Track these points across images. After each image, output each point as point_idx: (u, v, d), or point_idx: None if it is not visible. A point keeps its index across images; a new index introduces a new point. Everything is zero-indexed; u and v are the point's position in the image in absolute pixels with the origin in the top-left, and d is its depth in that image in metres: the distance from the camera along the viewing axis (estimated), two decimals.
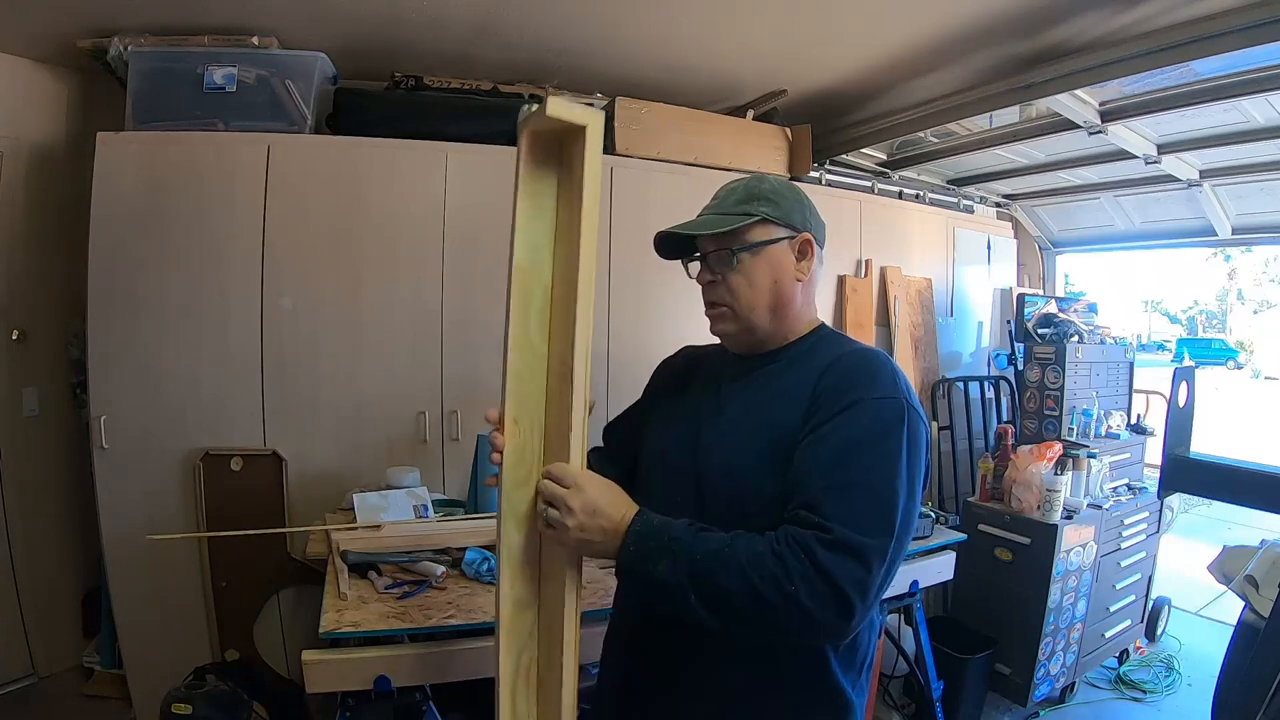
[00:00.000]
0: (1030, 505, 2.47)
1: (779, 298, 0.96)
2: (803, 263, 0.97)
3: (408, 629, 1.37)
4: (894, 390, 0.86)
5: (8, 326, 2.39)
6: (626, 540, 0.82)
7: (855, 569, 0.76)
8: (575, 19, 2.16)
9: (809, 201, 1.01)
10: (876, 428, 0.83)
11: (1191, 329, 23.29)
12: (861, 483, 0.81)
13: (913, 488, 0.84)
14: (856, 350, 0.94)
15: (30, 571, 2.42)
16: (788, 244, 0.97)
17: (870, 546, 0.77)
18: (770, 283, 0.96)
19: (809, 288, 0.99)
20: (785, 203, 0.97)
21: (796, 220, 0.97)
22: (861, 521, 0.78)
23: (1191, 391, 2.25)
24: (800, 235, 0.97)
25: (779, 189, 0.99)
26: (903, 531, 0.81)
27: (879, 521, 0.79)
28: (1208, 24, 1.84)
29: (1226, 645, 1.89)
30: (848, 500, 0.79)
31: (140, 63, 2.11)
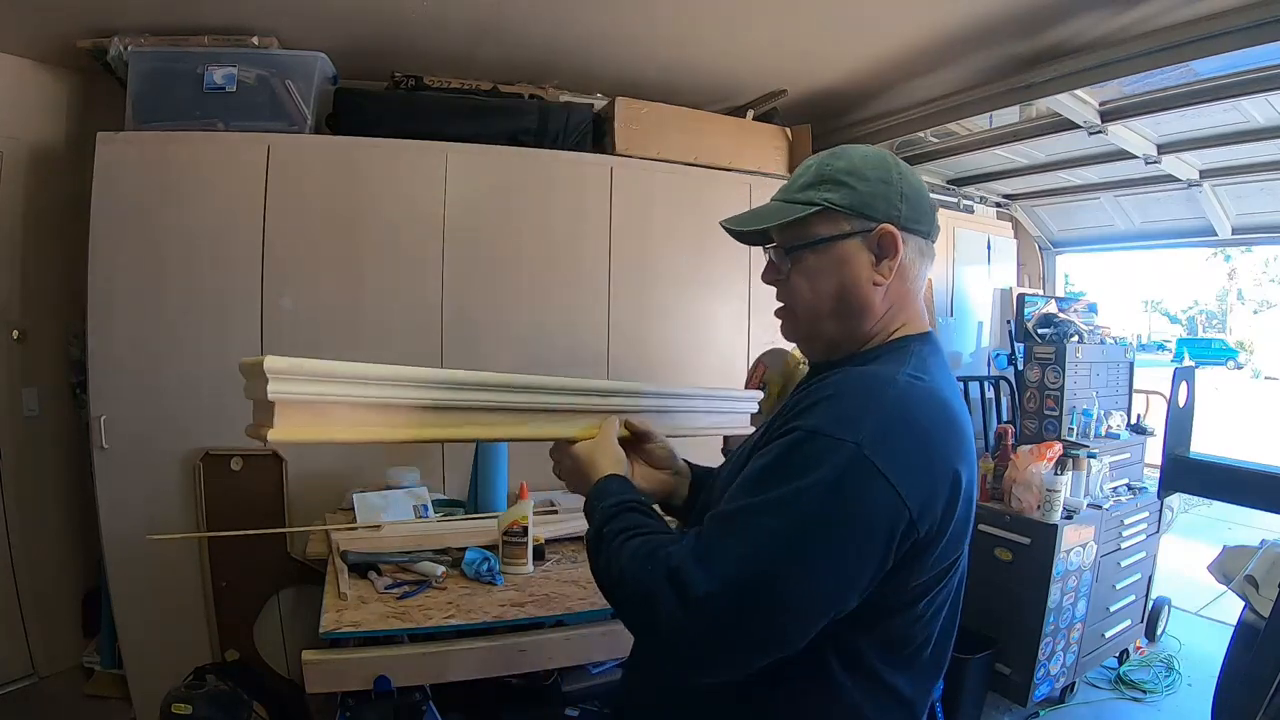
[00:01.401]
0: (1030, 505, 2.47)
1: (848, 304, 0.79)
2: (884, 262, 0.77)
3: (408, 629, 1.37)
4: (846, 429, 0.65)
5: (8, 326, 2.39)
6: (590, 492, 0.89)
7: (674, 608, 0.64)
8: (575, 19, 2.16)
9: (904, 179, 0.78)
10: (791, 468, 0.66)
11: (1191, 329, 23.29)
12: (736, 525, 0.66)
13: (809, 564, 0.63)
14: (858, 371, 0.75)
15: (30, 571, 2.41)
16: (860, 240, 0.77)
17: (703, 597, 0.63)
18: (835, 286, 0.78)
19: (899, 289, 0.79)
20: (862, 185, 0.77)
21: (876, 208, 0.77)
22: (714, 556, 0.65)
23: (1191, 391, 2.25)
24: (878, 228, 0.76)
25: (856, 168, 0.78)
26: (764, 609, 0.63)
27: (732, 577, 0.63)
28: (1208, 24, 1.84)
29: (1226, 645, 1.89)
30: (719, 535, 0.66)
31: (140, 63, 2.11)
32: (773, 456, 0.68)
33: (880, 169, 0.78)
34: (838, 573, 0.65)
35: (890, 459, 0.64)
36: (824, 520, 0.64)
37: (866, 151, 0.81)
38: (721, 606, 0.63)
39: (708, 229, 2.59)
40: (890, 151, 0.84)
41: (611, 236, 2.49)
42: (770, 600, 0.64)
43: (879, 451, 0.64)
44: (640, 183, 2.52)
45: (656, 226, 2.56)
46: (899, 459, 0.65)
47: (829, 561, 0.64)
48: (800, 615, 0.65)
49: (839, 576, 0.65)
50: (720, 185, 2.64)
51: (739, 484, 0.70)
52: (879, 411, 0.67)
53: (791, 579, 0.63)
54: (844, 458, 0.64)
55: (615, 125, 2.48)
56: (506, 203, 2.38)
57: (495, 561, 1.60)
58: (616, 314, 2.48)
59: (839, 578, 0.65)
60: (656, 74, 2.55)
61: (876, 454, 0.64)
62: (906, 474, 0.65)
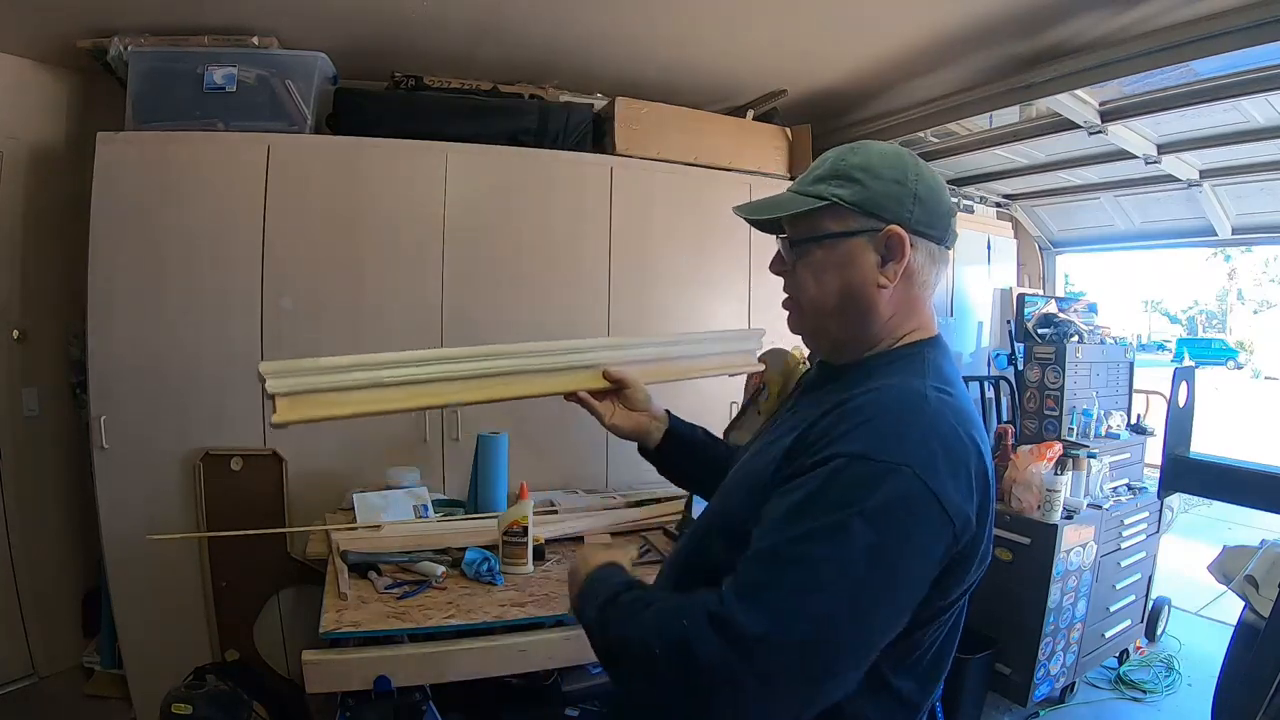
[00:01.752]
0: (1030, 505, 2.46)
1: (852, 303, 0.77)
2: (890, 265, 0.75)
3: (408, 629, 1.37)
4: (895, 453, 0.63)
5: (8, 326, 2.39)
6: (582, 588, 0.81)
7: (728, 662, 0.58)
8: (575, 19, 2.16)
9: (921, 181, 0.76)
10: (840, 495, 0.62)
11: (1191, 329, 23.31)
12: (786, 560, 0.61)
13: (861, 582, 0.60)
14: (888, 388, 0.71)
15: (30, 571, 2.41)
16: (867, 239, 0.75)
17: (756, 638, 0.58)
18: (840, 284, 0.77)
19: (906, 293, 0.77)
20: (874, 183, 0.75)
21: (885, 208, 0.74)
22: (769, 608, 0.59)
23: (1191, 391, 2.25)
24: (886, 229, 0.74)
25: (871, 165, 0.76)
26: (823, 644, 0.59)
27: (787, 614, 0.59)
28: (1208, 24, 1.84)
29: (1226, 645, 1.89)
30: (763, 579, 0.62)
31: (140, 63, 2.11)
32: (817, 485, 0.64)
33: (896, 168, 0.76)
34: (897, 600, 0.63)
35: (940, 481, 0.63)
36: (880, 547, 0.61)
37: (885, 149, 0.79)
38: (777, 646, 0.58)
39: (708, 229, 2.62)
40: (911, 151, 0.81)
41: (611, 236, 2.49)
42: (830, 634, 0.60)
43: (930, 474, 0.63)
44: (640, 183, 2.52)
45: (656, 226, 2.56)
46: (947, 480, 0.64)
47: (889, 591, 0.62)
48: (861, 648, 0.63)
49: (898, 603, 0.64)
50: (720, 185, 2.64)
51: (776, 518, 0.65)
52: (922, 433, 0.66)
53: (852, 611, 0.60)
54: (898, 482, 0.62)
55: (615, 125, 2.48)
56: (506, 203, 2.38)
57: (495, 561, 1.60)
58: (616, 314, 2.48)
59: (898, 605, 0.64)
60: (656, 74, 2.55)
61: (929, 476, 0.63)
62: (954, 494, 0.64)
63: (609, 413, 1.12)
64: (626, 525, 1.97)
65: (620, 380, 1.12)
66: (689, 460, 1.13)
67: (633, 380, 1.12)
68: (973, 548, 0.69)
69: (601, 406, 1.12)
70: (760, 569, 0.63)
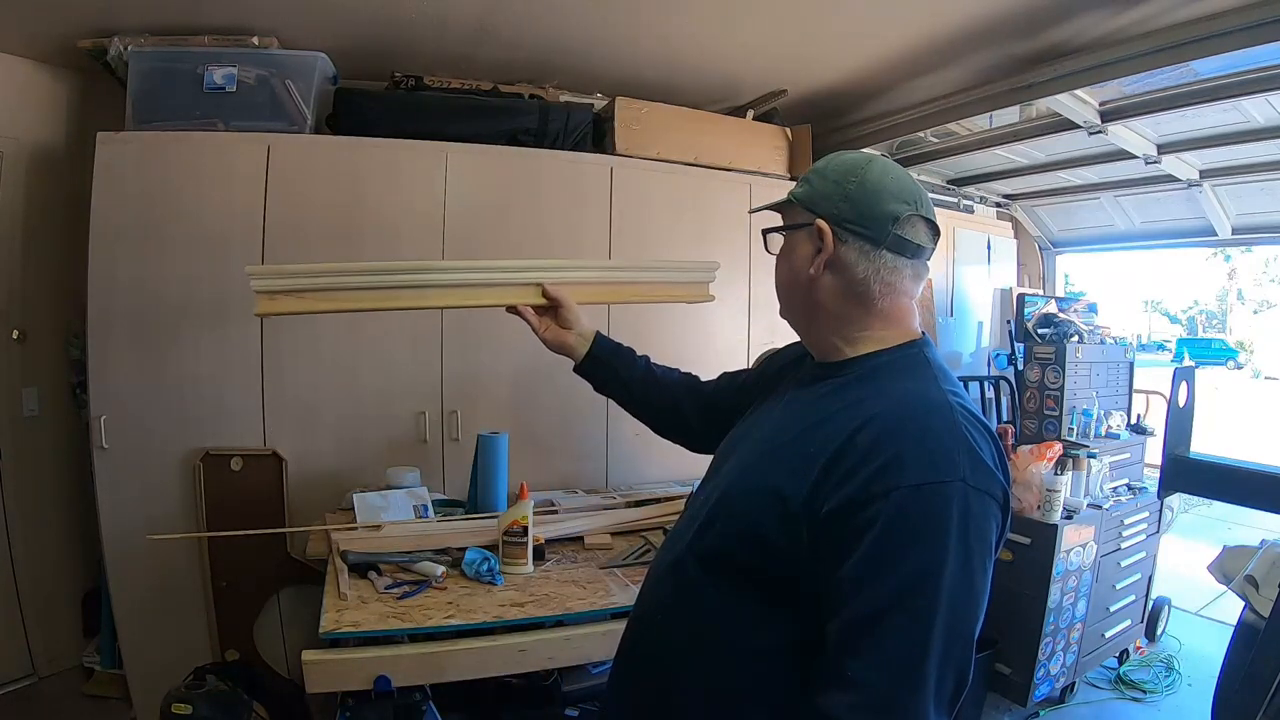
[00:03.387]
0: (1030, 505, 2.47)
1: (795, 290, 0.86)
2: (818, 257, 0.82)
3: (408, 629, 1.37)
4: (947, 470, 0.66)
5: (8, 326, 2.39)
6: None
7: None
8: (575, 19, 2.16)
9: (861, 183, 0.81)
10: (912, 529, 0.65)
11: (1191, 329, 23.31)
12: (891, 613, 0.64)
13: (966, 595, 0.65)
14: (905, 400, 0.75)
15: (30, 571, 2.41)
16: (806, 232, 0.84)
17: (904, 697, 0.63)
18: (786, 271, 0.87)
19: (850, 288, 0.82)
20: (818, 183, 0.84)
21: (818, 205, 0.82)
22: (894, 666, 0.64)
23: (1191, 391, 2.25)
24: (815, 222, 0.82)
25: (826, 168, 0.85)
26: (955, 650, 0.64)
27: (914, 660, 0.63)
28: (1208, 24, 1.84)
29: (1226, 645, 1.89)
30: (875, 640, 0.64)
31: (140, 63, 2.11)
32: (884, 526, 0.65)
33: (841, 171, 0.83)
34: (983, 600, 0.68)
35: (987, 481, 0.69)
36: (966, 564, 0.65)
37: (847, 156, 0.86)
38: (933, 692, 0.63)
39: (708, 229, 2.61)
40: (878, 158, 0.86)
41: (611, 236, 2.49)
42: (958, 654, 0.65)
43: (979, 478, 0.68)
44: (640, 183, 2.52)
45: (656, 226, 2.56)
46: (989, 477, 0.69)
47: (980, 594, 0.67)
48: (967, 652, 0.67)
49: (983, 602, 0.68)
50: (720, 185, 2.64)
51: (862, 577, 0.66)
52: (959, 441, 0.70)
53: (960, 638, 0.65)
54: (961, 497, 0.66)
55: (615, 125, 2.48)
56: (506, 203, 2.38)
57: (495, 561, 1.60)
58: (616, 313, 2.47)
59: (983, 603, 0.69)
60: (656, 74, 2.55)
61: (979, 480, 0.68)
62: (997, 487, 0.70)
63: (543, 327, 1.25)
64: (626, 525, 1.97)
65: (556, 298, 1.24)
66: (612, 377, 1.24)
67: (566, 300, 1.25)
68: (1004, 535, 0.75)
69: (538, 321, 1.25)
70: (869, 644, 0.65)
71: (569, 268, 1.32)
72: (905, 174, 0.85)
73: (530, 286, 1.26)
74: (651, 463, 2.49)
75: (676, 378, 1.24)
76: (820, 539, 0.69)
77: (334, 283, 1.23)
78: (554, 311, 1.25)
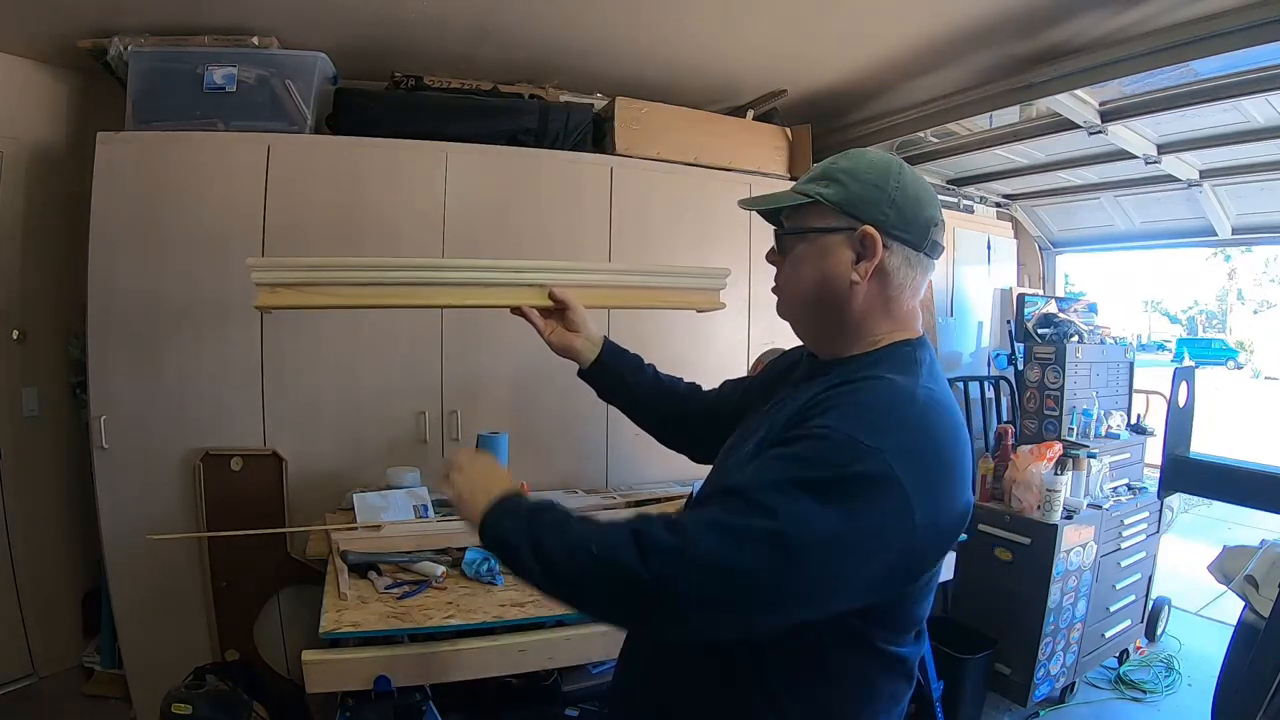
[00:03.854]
0: (1030, 505, 2.47)
1: (826, 295, 0.82)
2: (862, 263, 0.80)
3: (408, 629, 1.37)
4: (876, 439, 0.66)
5: (8, 326, 2.39)
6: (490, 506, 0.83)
7: (667, 539, 0.66)
8: (575, 19, 2.16)
9: (901, 189, 0.80)
10: (810, 456, 0.67)
11: (1191, 329, 23.31)
12: (740, 495, 0.67)
13: (813, 540, 0.64)
14: (884, 380, 0.75)
15: (30, 571, 2.42)
16: (844, 237, 0.80)
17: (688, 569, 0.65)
18: (817, 277, 0.82)
19: (879, 292, 0.81)
20: (856, 185, 0.80)
21: (864, 209, 0.80)
22: (711, 536, 0.66)
23: (1191, 391, 2.26)
24: (861, 228, 0.79)
25: (856, 168, 0.82)
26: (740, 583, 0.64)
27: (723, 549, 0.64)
28: (1208, 24, 1.84)
29: (1226, 645, 1.89)
30: (719, 507, 0.68)
31: (140, 63, 2.11)
32: (800, 446, 0.69)
33: (877, 174, 0.81)
34: (837, 579, 0.66)
35: (914, 474, 0.66)
36: (832, 523, 0.65)
37: (875, 157, 0.84)
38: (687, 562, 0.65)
39: (708, 229, 2.61)
40: (902, 162, 0.85)
41: (611, 236, 2.49)
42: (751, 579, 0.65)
43: (904, 465, 0.66)
44: (640, 183, 2.52)
45: (657, 227, 2.56)
46: (921, 475, 0.67)
47: (829, 568, 0.65)
48: (791, 601, 0.67)
49: (839, 583, 0.67)
50: (720, 185, 2.64)
51: (757, 466, 0.70)
52: (906, 425, 0.70)
53: (784, 564, 0.64)
54: (870, 465, 0.65)
55: (615, 125, 2.48)
56: (506, 203, 2.38)
57: (495, 561, 1.60)
58: (616, 313, 2.47)
59: (838, 584, 0.67)
60: (656, 74, 2.55)
61: (901, 467, 0.66)
62: (925, 491, 0.67)
63: (549, 330, 1.22)
64: None
65: (563, 301, 1.22)
66: (619, 384, 1.21)
67: (573, 303, 1.22)
68: (937, 552, 0.73)
69: (544, 324, 1.22)
70: (717, 495, 0.69)
71: (576, 270, 1.28)
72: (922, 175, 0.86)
73: (536, 288, 1.23)
74: (651, 463, 2.49)
75: (683, 387, 1.22)
76: None
77: (336, 277, 1.20)
78: (560, 314, 1.23)
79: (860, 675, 0.78)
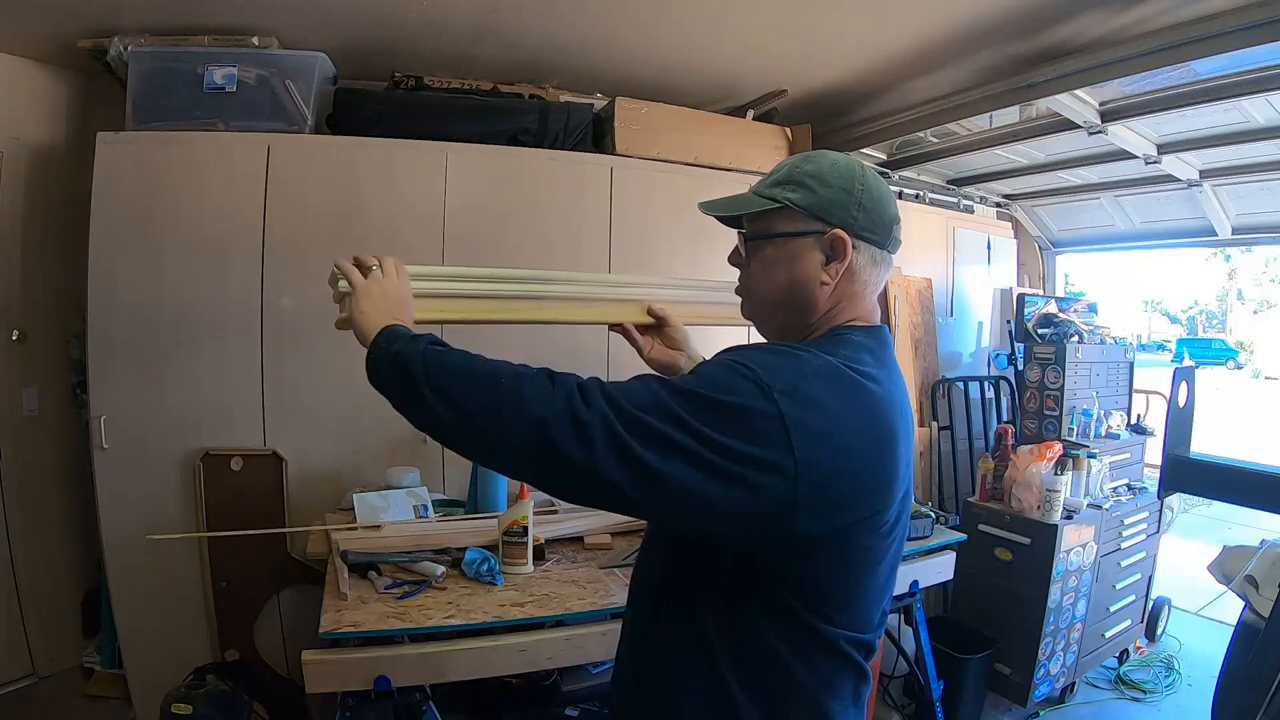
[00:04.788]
0: (1030, 505, 2.47)
1: (796, 296, 0.84)
2: (832, 264, 0.82)
3: (408, 629, 1.37)
4: (770, 377, 0.70)
5: (8, 326, 2.39)
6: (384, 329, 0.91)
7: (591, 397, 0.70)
8: (575, 19, 2.16)
9: (866, 191, 0.82)
10: (715, 383, 0.71)
11: (1191, 329, 23.31)
12: (649, 382, 0.72)
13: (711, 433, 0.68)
14: (800, 346, 0.81)
15: (30, 571, 2.42)
16: (814, 240, 0.82)
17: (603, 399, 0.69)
18: (786, 280, 0.84)
19: (846, 289, 0.84)
20: (824, 190, 0.82)
21: (833, 213, 0.81)
22: (627, 392, 0.71)
23: (1191, 391, 2.26)
24: (831, 231, 0.81)
25: (822, 172, 0.83)
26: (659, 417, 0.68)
27: (640, 398, 0.69)
28: (1208, 24, 1.84)
29: (1226, 645, 1.90)
30: (632, 392, 0.71)
31: (140, 63, 2.11)
32: (705, 370, 0.75)
33: (844, 178, 0.83)
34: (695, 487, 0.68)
35: (796, 411, 0.69)
36: (709, 434, 0.67)
37: (836, 159, 0.86)
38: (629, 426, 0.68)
39: (708, 229, 2.59)
40: (863, 163, 0.87)
41: (611, 236, 2.49)
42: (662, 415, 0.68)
43: (787, 401, 0.69)
44: (640, 183, 2.52)
45: (656, 227, 2.56)
46: (805, 414, 0.69)
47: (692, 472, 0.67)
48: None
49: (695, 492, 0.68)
50: (720, 185, 2.63)
51: (675, 381, 0.73)
52: (800, 371, 0.73)
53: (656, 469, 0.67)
54: (756, 395, 0.69)
55: (615, 125, 2.48)
56: (506, 203, 2.38)
57: (495, 561, 1.60)
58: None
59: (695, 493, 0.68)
60: (656, 74, 2.55)
61: (784, 401, 0.69)
62: (805, 431, 0.69)
63: (648, 346, 1.23)
64: (626, 525, 1.97)
65: (662, 318, 1.23)
66: None
67: (673, 320, 1.22)
68: (821, 499, 0.71)
69: (642, 340, 1.24)
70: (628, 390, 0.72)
71: (666, 285, 1.28)
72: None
73: (634, 303, 1.23)
74: None
75: None
76: None
77: (435, 288, 1.14)
78: (658, 330, 1.23)
79: (795, 653, 0.78)
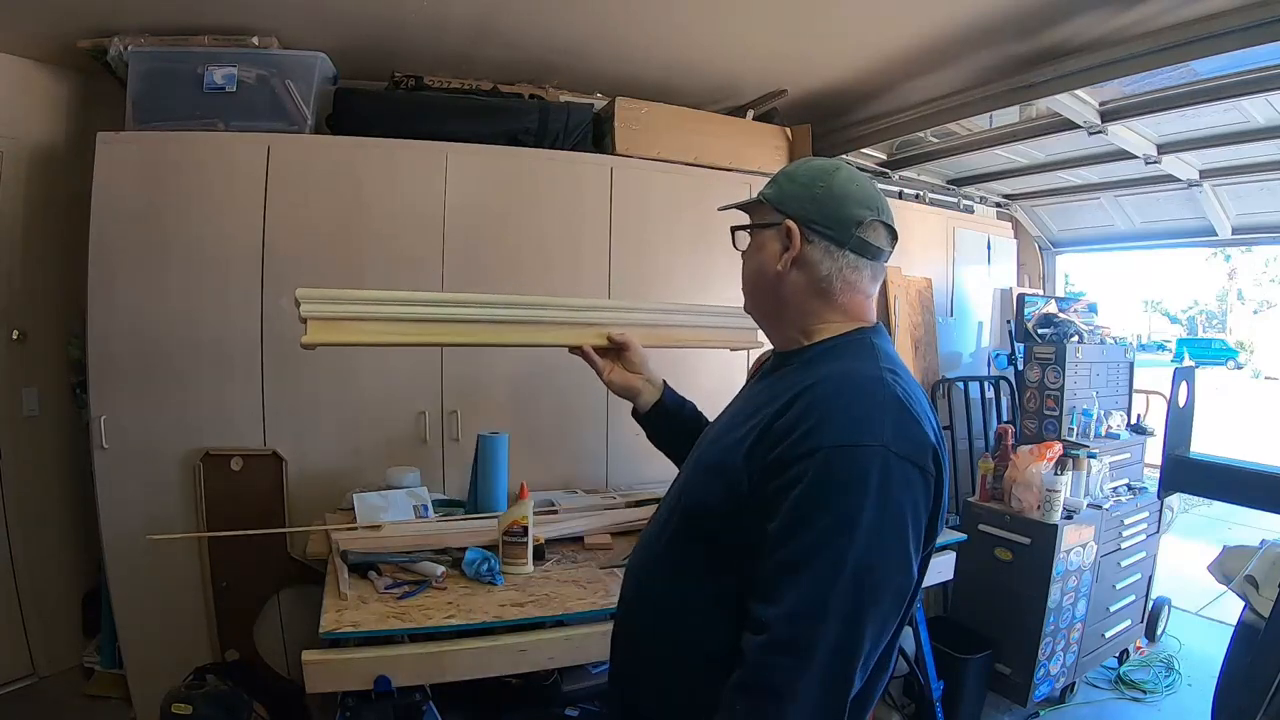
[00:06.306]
0: (1030, 505, 2.47)
1: (762, 287, 0.92)
2: (784, 254, 0.87)
3: (408, 629, 1.37)
4: (869, 435, 0.71)
5: (8, 326, 2.39)
6: None
7: (790, 668, 0.68)
8: (575, 19, 2.16)
9: (828, 189, 0.86)
10: (831, 485, 0.70)
11: (1191, 329, 23.29)
12: (810, 560, 0.69)
13: (880, 550, 0.69)
14: (841, 374, 0.80)
15: (30, 571, 2.42)
16: (775, 231, 0.89)
17: (813, 637, 0.67)
18: (756, 268, 0.92)
19: (812, 284, 0.87)
20: (789, 185, 0.89)
21: (788, 205, 0.88)
22: (806, 608, 0.68)
23: (1191, 391, 2.26)
24: (784, 221, 0.87)
25: (795, 170, 0.91)
26: (868, 601, 0.69)
27: (826, 604, 0.68)
28: (1208, 24, 1.84)
29: (1226, 645, 1.90)
30: (793, 585, 0.69)
31: (140, 63, 2.11)
32: (807, 482, 0.71)
33: (809, 175, 0.89)
34: (904, 561, 0.72)
35: (910, 449, 0.73)
36: (881, 521, 0.70)
37: (817, 162, 0.92)
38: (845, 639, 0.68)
39: (708, 229, 2.61)
40: (846, 165, 0.91)
41: (611, 237, 2.49)
42: (873, 600, 0.70)
43: (902, 445, 0.72)
44: (640, 183, 2.52)
45: (656, 227, 2.56)
46: (913, 446, 0.73)
47: (900, 558, 0.72)
48: (889, 612, 0.72)
49: (905, 564, 0.73)
50: (720, 185, 2.63)
51: (785, 529, 0.71)
52: (885, 410, 0.75)
53: (872, 589, 0.69)
54: (881, 460, 0.71)
55: (615, 125, 2.48)
56: (506, 203, 2.38)
57: (495, 561, 1.60)
58: None
59: (905, 565, 0.73)
60: (656, 74, 2.55)
61: (901, 448, 0.72)
62: (923, 456, 0.74)
63: (608, 369, 1.24)
64: (626, 525, 1.97)
65: (622, 343, 1.24)
66: (673, 431, 1.20)
67: (633, 344, 1.24)
68: (940, 496, 0.78)
69: (602, 363, 1.25)
70: (789, 584, 0.70)
71: (627, 308, 1.31)
72: (869, 181, 0.91)
73: (593, 327, 1.24)
74: (651, 463, 2.46)
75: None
76: (756, 498, 0.75)
77: (391, 312, 1.15)
78: (617, 354, 1.25)
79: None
